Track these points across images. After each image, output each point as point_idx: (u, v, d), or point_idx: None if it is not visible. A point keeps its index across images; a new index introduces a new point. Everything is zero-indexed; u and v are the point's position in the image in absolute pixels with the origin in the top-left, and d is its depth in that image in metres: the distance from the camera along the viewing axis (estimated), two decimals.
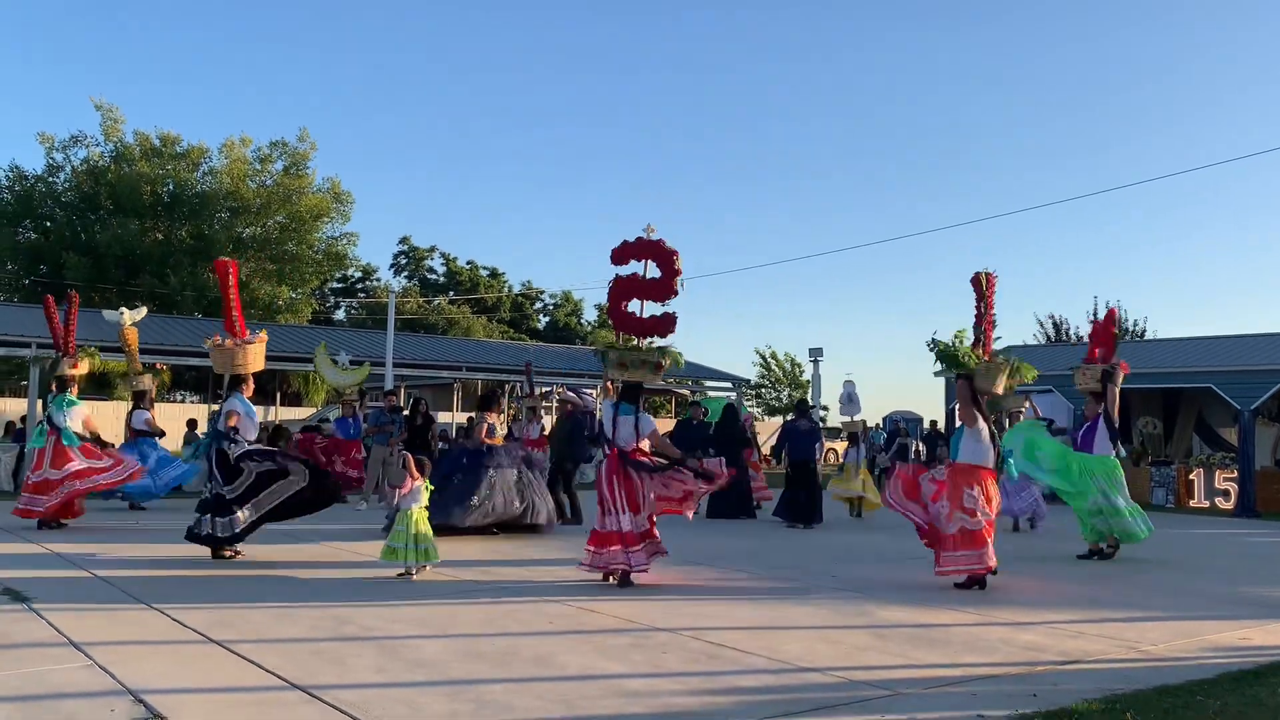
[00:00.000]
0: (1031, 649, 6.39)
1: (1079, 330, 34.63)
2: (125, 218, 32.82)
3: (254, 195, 35.38)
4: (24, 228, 34.71)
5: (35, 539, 10.93)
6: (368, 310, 45.72)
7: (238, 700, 4.91)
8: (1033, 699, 5.12)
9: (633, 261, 8.78)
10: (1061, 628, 7.09)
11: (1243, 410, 18.97)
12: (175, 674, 5.33)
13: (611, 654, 6.04)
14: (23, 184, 34.38)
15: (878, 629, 6.97)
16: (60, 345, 12.80)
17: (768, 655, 6.05)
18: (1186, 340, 23.22)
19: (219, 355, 10.05)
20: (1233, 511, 18.54)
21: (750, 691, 5.26)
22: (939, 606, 7.89)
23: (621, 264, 8.81)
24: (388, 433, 16.22)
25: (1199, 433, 23.48)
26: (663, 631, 6.70)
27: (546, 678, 5.44)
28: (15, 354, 20.84)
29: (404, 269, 57.52)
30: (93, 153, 34.77)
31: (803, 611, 7.62)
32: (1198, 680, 5.58)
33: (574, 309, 60.27)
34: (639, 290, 8.76)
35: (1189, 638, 6.89)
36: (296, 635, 6.35)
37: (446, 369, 25.65)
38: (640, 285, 8.75)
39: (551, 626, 6.86)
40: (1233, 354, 20.67)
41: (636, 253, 8.74)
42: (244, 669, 5.47)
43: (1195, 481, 19.52)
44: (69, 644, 5.93)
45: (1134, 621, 7.44)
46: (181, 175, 35.02)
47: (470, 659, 5.84)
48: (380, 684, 5.24)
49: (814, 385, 25.95)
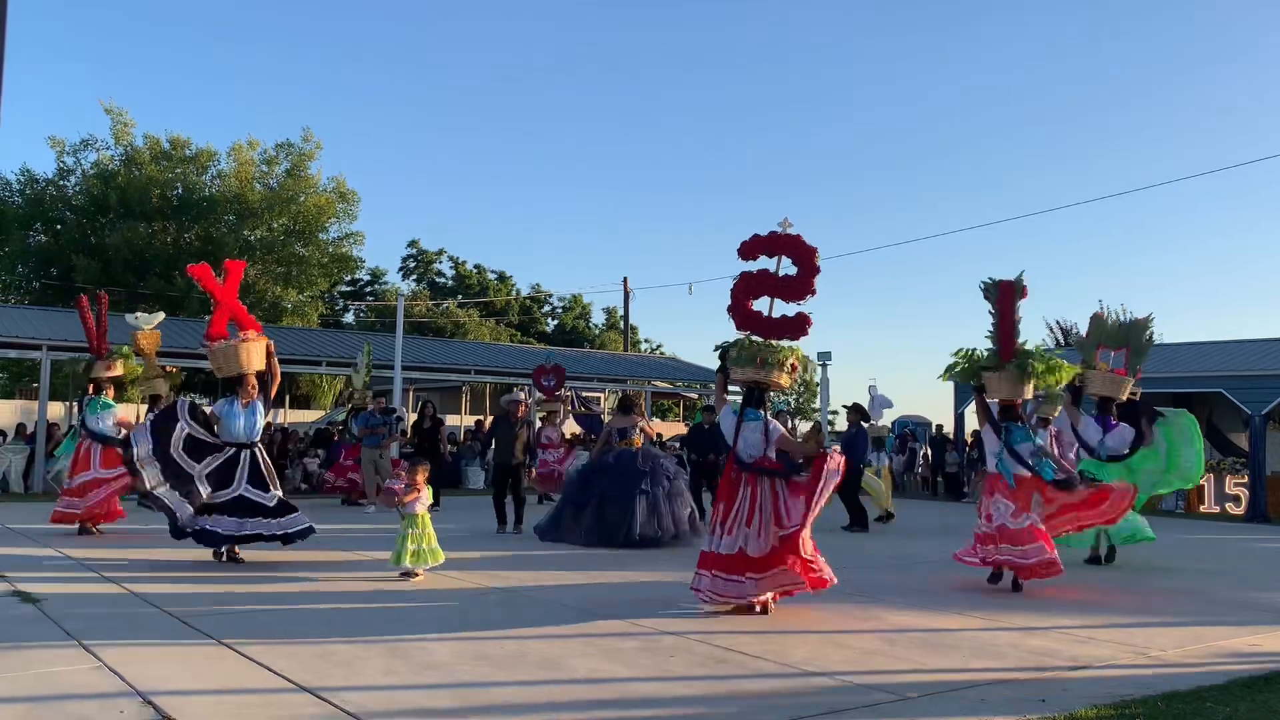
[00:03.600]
0: (1041, 654, 6.37)
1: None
2: (134, 221, 32.97)
3: (260, 198, 35.52)
4: (35, 230, 34.87)
5: (46, 542, 10.96)
6: (376, 313, 45.82)
7: (246, 702, 4.92)
8: (1042, 704, 5.10)
9: (763, 257, 8.19)
10: (1071, 633, 7.06)
11: (1254, 415, 18.90)
12: (184, 675, 5.34)
13: (619, 657, 6.04)
14: (34, 187, 34.55)
15: (886, 633, 6.96)
16: (94, 347, 12.69)
17: (775, 659, 6.04)
18: (1197, 344, 23.14)
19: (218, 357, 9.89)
20: (1243, 517, 18.47)
21: (757, 695, 5.26)
22: (948, 611, 7.87)
23: (750, 259, 8.20)
24: (380, 435, 16.25)
25: (1209, 438, 23.30)
26: (670, 635, 6.69)
27: (554, 681, 5.45)
28: (27, 356, 20.93)
29: (413, 272, 57.66)
30: (103, 156, 34.94)
31: (811, 615, 7.60)
32: (1207, 686, 5.56)
33: (583, 312, 60.29)
34: (772, 287, 8.14)
35: (1199, 643, 6.86)
36: (305, 637, 6.36)
37: (455, 372, 25.68)
38: (774, 282, 8.13)
39: (559, 630, 6.86)
40: (1244, 358, 20.60)
41: (770, 247, 8.14)
42: (252, 671, 5.48)
43: (1205, 487, 19.44)
44: (78, 645, 5.95)
45: (1144, 627, 7.41)
46: (190, 178, 35.18)
47: (478, 661, 5.84)
48: (388, 686, 5.25)
49: (823, 389, 25.90)
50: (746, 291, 8.19)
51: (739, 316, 8.21)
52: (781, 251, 8.10)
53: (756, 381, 7.98)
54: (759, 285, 8.15)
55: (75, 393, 27.68)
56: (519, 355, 29.72)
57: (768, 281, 8.13)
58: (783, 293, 8.08)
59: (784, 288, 8.07)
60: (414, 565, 8.76)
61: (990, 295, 9.40)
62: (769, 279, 8.13)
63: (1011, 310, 9.26)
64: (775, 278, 8.12)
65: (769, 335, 8.08)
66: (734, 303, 8.25)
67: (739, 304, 8.22)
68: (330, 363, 22.85)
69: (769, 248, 8.13)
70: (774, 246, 8.11)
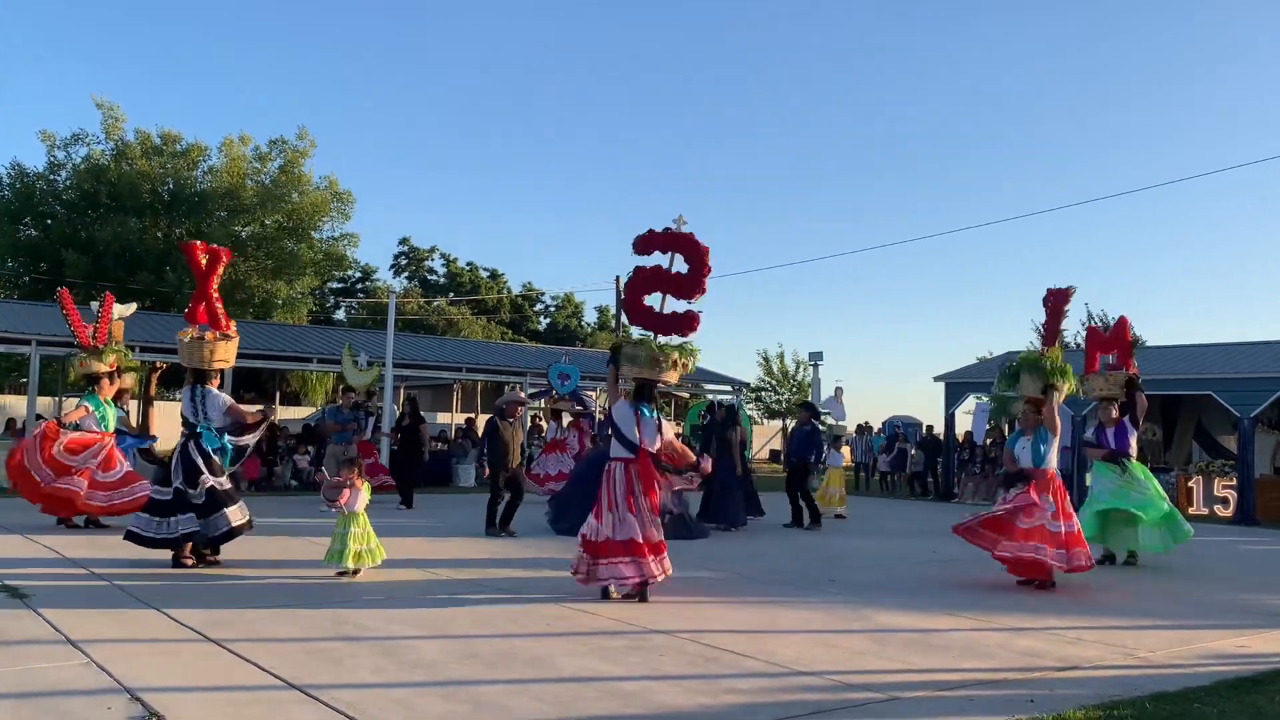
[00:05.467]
0: (1029, 655, 6.39)
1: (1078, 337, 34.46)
2: (125, 215, 32.83)
3: (252, 193, 35.41)
4: (25, 225, 34.70)
5: (34, 537, 10.91)
6: (368, 310, 45.73)
7: (235, 699, 4.91)
8: (1030, 704, 5.12)
9: (657, 253, 8.33)
10: (1060, 634, 7.09)
11: (1242, 417, 18.97)
12: (172, 672, 5.33)
13: (608, 656, 6.04)
14: (24, 181, 34.37)
15: (875, 633, 6.97)
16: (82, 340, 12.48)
17: (764, 659, 6.05)
18: (1186, 347, 23.21)
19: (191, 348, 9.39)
20: (1232, 519, 18.53)
21: (746, 694, 5.26)
22: (937, 611, 7.89)
23: (645, 254, 8.33)
24: (349, 431, 16.10)
25: (1198, 440, 23.47)
26: (660, 634, 6.69)
27: (543, 679, 5.45)
28: (16, 351, 20.82)
29: (404, 269, 57.59)
30: (94, 151, 34.81)
31: (800, 615, 7.62)
32: (1195, 687, 5.58)
33: (574, 310, 60.28)
34: (664, 284, 8.28)
35: (1187, 645, 6.89)
36: (294, 635, 6.35)
37: (447, 370, 25.66)
38: (666, 279, 8.28)
39: (549, 628, 6.86)
40: (1232, 361, 20.67)
41: (663, 244, 8.27)
42: (241, 668, 5.47)
43: (1194, 489, 19.52)
44: (67, 642, 5.93)
45: (1132, 628, 7.44)
46: (181, 173, 35.05)
47: (467, 660, 5.84)
48: (377, 684, 5.24)
49: (814, 389, 25.93)
50: (639, 286, 8.37)
51: (631, 311, 8.42)
52: (675, 249, 8.27)
53: (647, 379, 8.20)
54: (652, 281, 8.33)
55: (65, 388, 27.62)
56: (511, 353, 29.71)
57: (662, 277, 8.31)
58: (675, 289, 8.26)
59: (677, 285, 8.25)
60: (355, 565, 8.60)
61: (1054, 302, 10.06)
62: (663, 275, 8.31)
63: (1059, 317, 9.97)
64: (668, 274, 8.29)
65: (660, 331, 8.28)
66: (627, 297, 8.48)
67: (632, 299, 8.41)
68: (321, 359, 22.81)
69: (662, 244, 8.29)
70: (667, 243, 8.28)
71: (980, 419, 21.85)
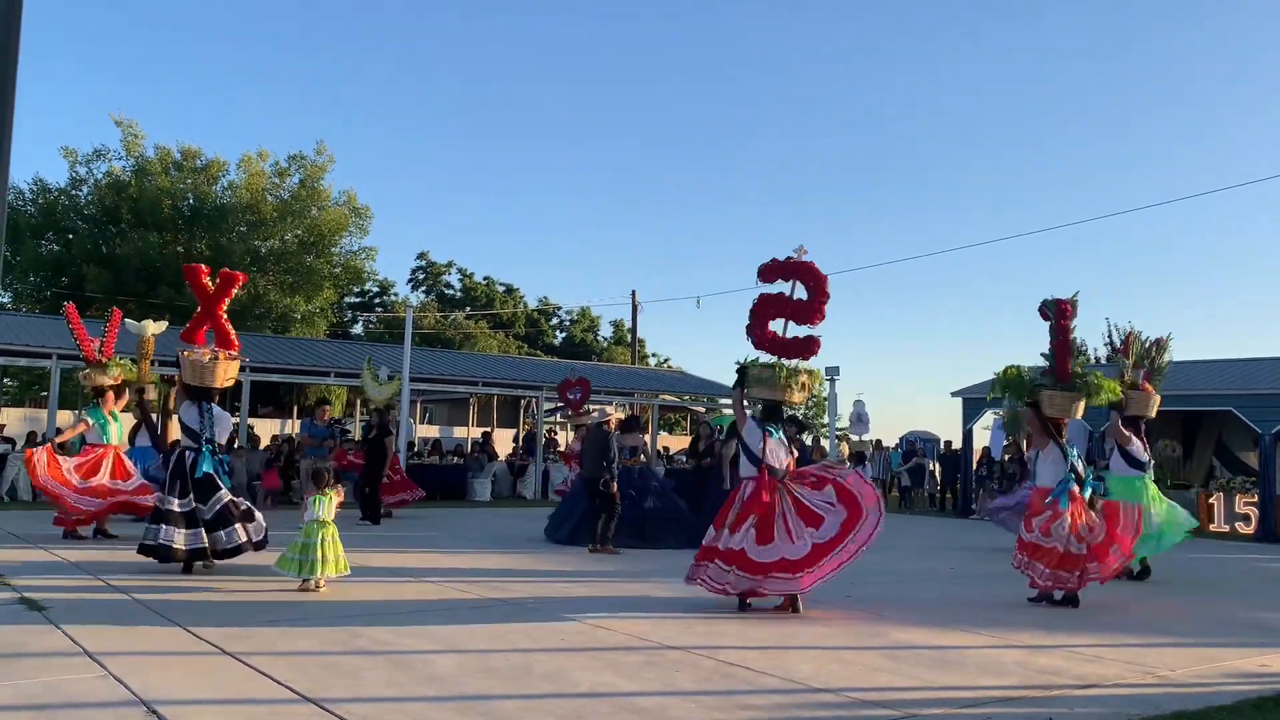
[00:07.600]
0: (1048, 672, 6.34)
1: (1096, 352, 34.25)
2: (145, 231, 33.15)
3: (272, 209, 35.67)
4: (47, 240, 35.06)
5: (52, 549, 10.98)
6: (385, 324, 45.92)
7: (250, 712, 4.93)
8: None
9: (779, 281, 8.77)
10: (1079, 651, 7.03)
11: (1263, 434, 18.81)
12: (188, 685, 5.35)
13: (624, 671, 6.02)
14: (46, 197, 34.75)
15: (892, 650, 6.93)
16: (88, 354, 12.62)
17: (781, 675, 6.03)
18: (1206, 363, 23.03)
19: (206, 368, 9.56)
20: (1253, 536, 18.35)
21: (763, 711, 5.24)
22: (954, 628, 7.84)
23: (768, 282, 8.79)
24: (326, 448, 16.13)
25: (1219, 456, 23.27)
26: (675, 649, 6.68)
27: (558, 694, 5.44)
28: (37, 365, 21.01)
29: (421, 284, 57.81)
30: (114, 167, 35.19)
31: (816, 631, 7.59)
32: (1216, 706, 5.52)
33: (591, 325, 60.34)
34: (787, 310, 8.71)
35: (1208, 663, 6.82)
36: (309, 649, 6.36)
37: (463, 384, 25.73)
38: (789, 305, 8.70)
39: (564, 643, 6.86)
40: (1253, 377, 20.50)
41: (785, 272, 8.71)
42: (256, 681, 5.48)
43: (1215, 505, 19.34)
44: (84, 654, 5.97)
45: (1152, 646, 7.37)
46: (201, 189, 35.37)
47: (482, 675, 5.83)
48: (392, 698, 5.25)
49: (830, 404, 25.84)
50: (764, 312, 8.79)
51: (756, 336, 8.81)
52: (796, 277, 8.71)
53: (775, 399, 8.65)
54: (775, 307, 8.75)
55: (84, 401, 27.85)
56: (527, 367, 29.75)
57: (785, 304, 8.73)
58: (796, 316, 8.70)
59: (797, 311, 8.70)
60: (322, 574, 8.56)
61: (1049, 314, 9.75)
62: (784, 302, 8.73)
63: (1068, 329, 9.70)
64: (790, 301, 8.73)
65: (781, 354, 8.69)
66: (752, 322, 8.85)
67: (757, 324, 8.81)
68: (339, 373, 22.90)
69: (785, 273, 8.73)
70: (789, 272, 8.71)
71: (997, 435, 21.74)
